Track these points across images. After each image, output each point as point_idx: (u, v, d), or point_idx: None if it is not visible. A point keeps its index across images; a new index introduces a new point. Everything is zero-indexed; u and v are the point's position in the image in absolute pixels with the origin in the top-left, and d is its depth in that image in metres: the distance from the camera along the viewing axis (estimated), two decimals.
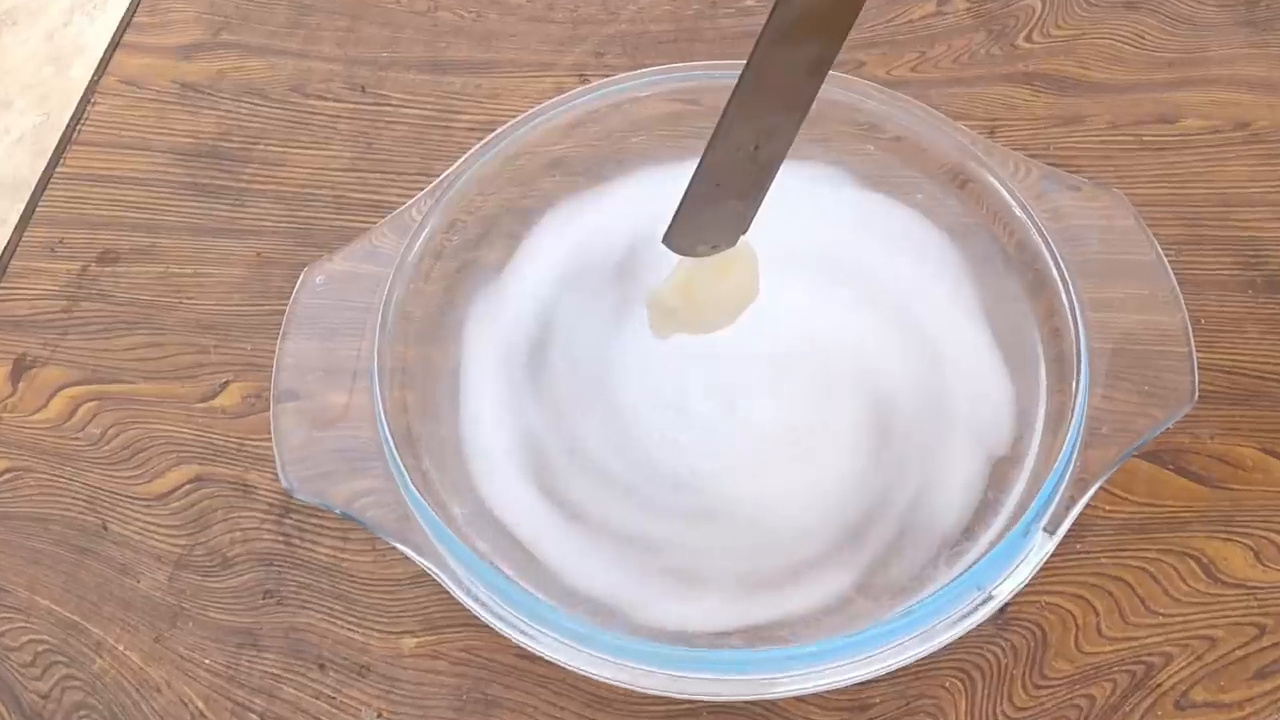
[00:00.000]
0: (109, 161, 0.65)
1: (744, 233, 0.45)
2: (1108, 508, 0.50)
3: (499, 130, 0.55)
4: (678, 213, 0.42)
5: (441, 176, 0.54)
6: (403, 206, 0.54)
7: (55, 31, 1.82)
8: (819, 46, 0.36)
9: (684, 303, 0.46)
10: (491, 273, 0.56)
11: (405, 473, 0.46)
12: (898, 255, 0.55)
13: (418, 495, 0.45)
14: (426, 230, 0.53)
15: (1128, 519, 0.50)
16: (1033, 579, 0.43)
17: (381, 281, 0.51)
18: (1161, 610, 0.48)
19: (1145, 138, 0.60)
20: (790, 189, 0.55)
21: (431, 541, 0.45)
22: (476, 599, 0.44)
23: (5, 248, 0.62)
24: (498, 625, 0.43)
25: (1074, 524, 0.44)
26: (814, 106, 0.54)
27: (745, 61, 0.36)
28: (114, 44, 0.69)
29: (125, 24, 0.70)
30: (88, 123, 0.66)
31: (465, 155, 0.55)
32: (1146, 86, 0.63)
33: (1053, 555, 0.43)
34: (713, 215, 0.42)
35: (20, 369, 0.57)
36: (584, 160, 0.58)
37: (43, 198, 0.63)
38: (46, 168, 0.64)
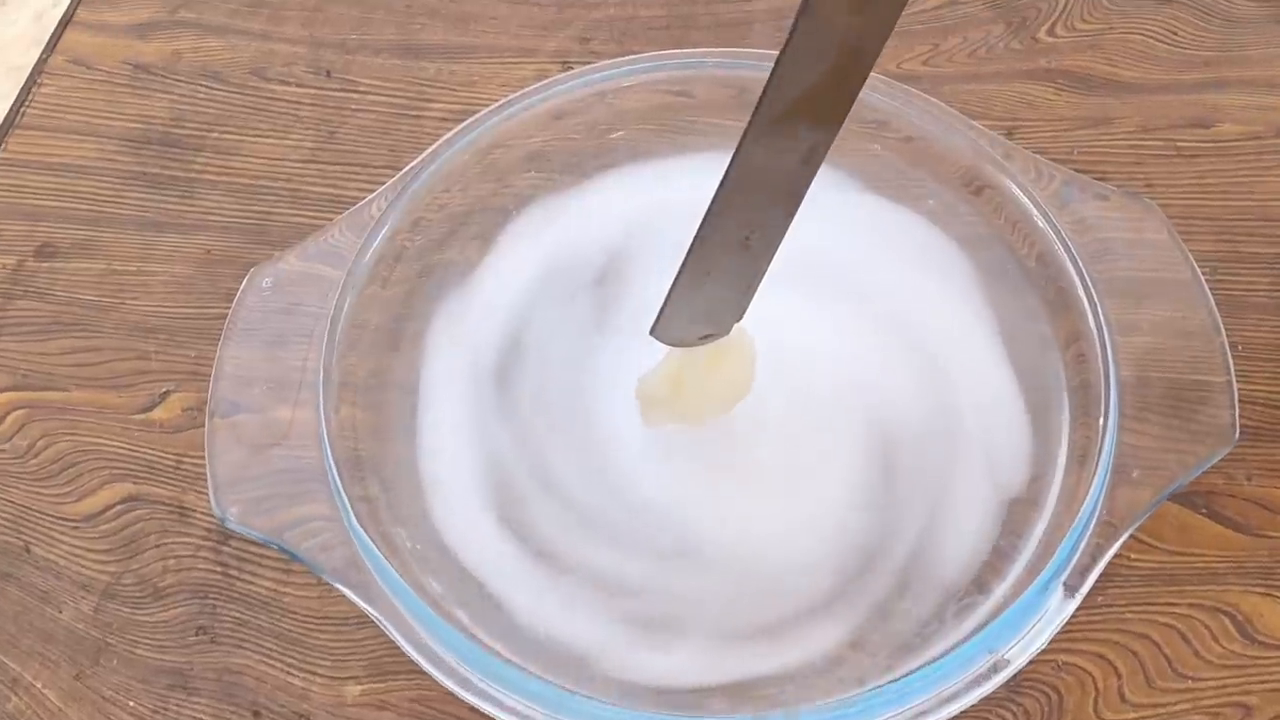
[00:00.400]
0: (53, 147, 0.60)
1: (738, 321, 0.41)
2: (1133, 556, 0.45)
3: (471, 119, 0.50)
4: (665, 303, 0.39)
5: (406, 169, 0.49)
6: (362, 201, 0.49)
7: (44, 12, 1.77)
8: (812, 135, 0.33)
9: (673, 394, 0.43)
10: (458, 277, 0.51)
11: (349, 504, 0.42)
12: (905, 267, 0.50)
13: (362, 533, 0.41)
14: (386, 228, 0.48)
15: (1155, 569, 0.45)
16: None
17: (335, 284, 0.47)
18: (1191, 673, 0.43)
19: (1179, 143, 0.55)
20: None
21: (378, 584, 0.40)
22: (426, 654, 0.39)
23: None
24: (449, 685, 0.38)
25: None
26: None
27: (733, 153, 0.32)
28: (65, 21, 0.64)
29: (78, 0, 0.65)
30: (32, 105, 0.61)
31: (433, 146, 0.50)
32: (1180, 87, 0.57)
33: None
34: (703, 305, 0.39)
35: None
36: (564, 155, 0.53)
37: None
38: None
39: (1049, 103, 0.57)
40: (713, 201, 0.34)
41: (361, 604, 0.40)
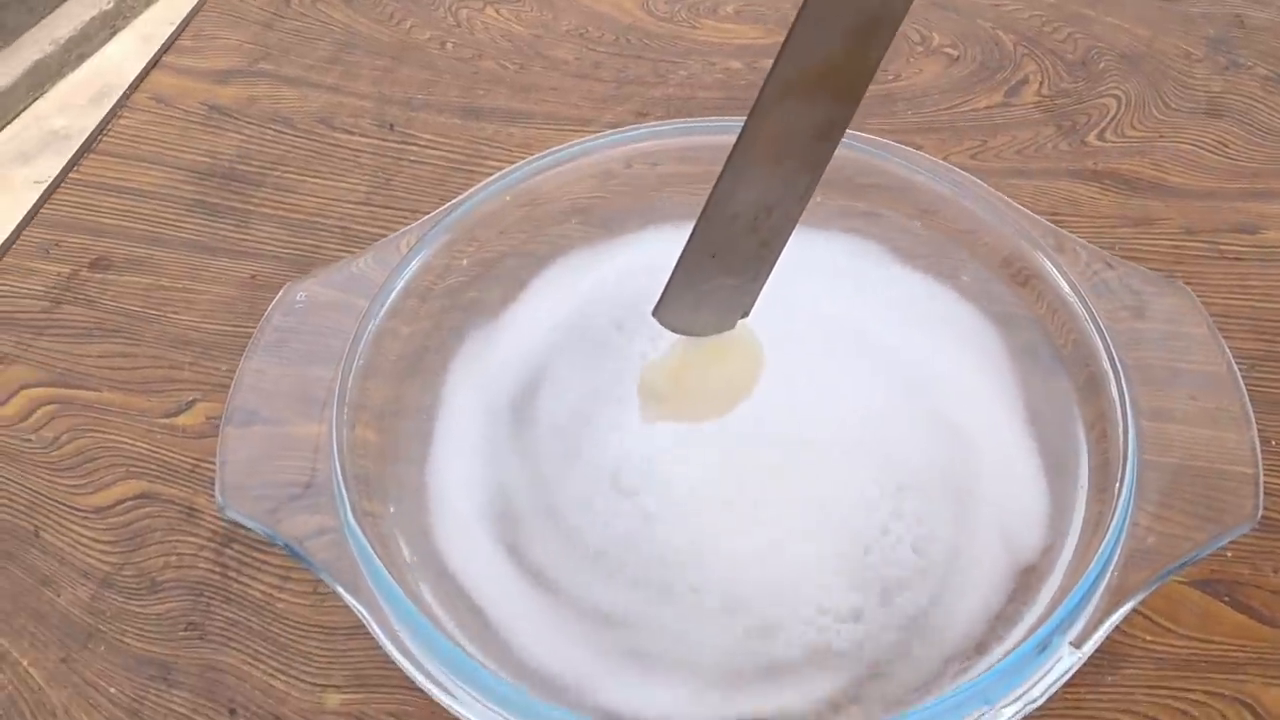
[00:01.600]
0: (122, 172, 0.62)
1: (744, 316, 0.40)
2: (1148, 638, 0.43)
3: (514, 166, 0.52)
4: (669, 283, 0.37)
5: (445, 206, 0.50)
6: (395, 234, 0.50)
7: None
8: (828, 107, 0.32)
9: (672, 388, 0.42)
10: (484, 315, 0.51)
11: (350, 508, 0.41)
12: (934, 336, 0.49)
13: (359, 533, 0.40)
14: (417, 260, 0.49)
15: (1171, 653, 0.43)
16: (1054, 708, 0.36)
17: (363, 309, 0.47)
18: None
19: (1222, 246, 0.55)
20: (820, 254, 0.52)
21: (368, 584, 0.40)
22: (410, 659, 0.38)
23: (2, 244, 0.59)
24: (434, 692, 0.37)
25: (1107, 652, 0.38)
26: (860, 171, 0.50)
27: (744, 118, 0.31)
28: (153, 63, 0.68)
29: (167, 46, 0.69)
30: (110, 134, 0.64)
31: (477, 186, 0.51)
32: (1226, 195, 0.57)
33: (1080, 685, 0.37)
34: (708, 292, 0.37)
35: None
36: (606, 210, 0.54)
37: (49, 200, 0.61)
38: (59, 173, 0.62)
39: (1093, 201, 0.57)
40: (721, 174, 0.32)
41: (349, 598, 0.39)
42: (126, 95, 0.66)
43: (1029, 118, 0.62)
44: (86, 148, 0.63)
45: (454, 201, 0.50)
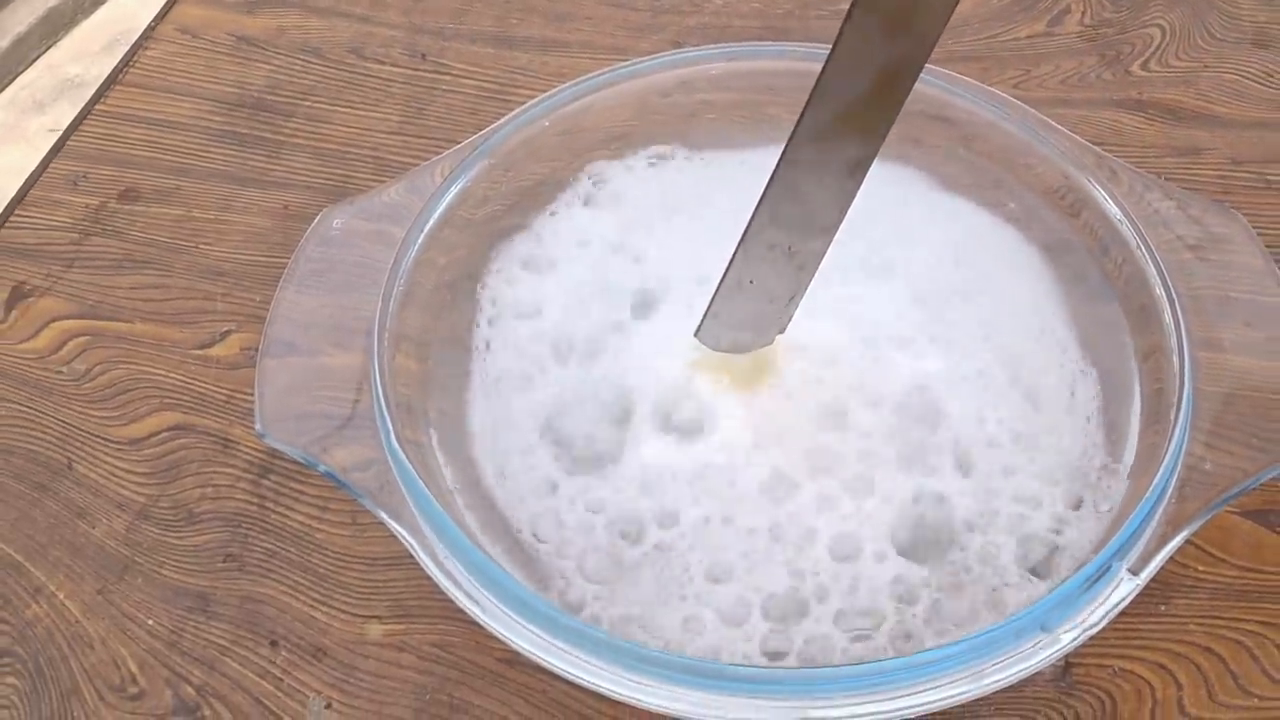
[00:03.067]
0: (149, 104, 0.61)
1: (781, 331, 0.42)
2: (1201, 568, 0.42)
3: (551, 92, 0.50)
4: (708, 307, 0.40)
5: (480, 133, 0.49)
6: (427, 162, 0.49)
7: None
8: (857, 146, 0.33)
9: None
10: (519, 241, 0.50)
11: (392, 434, 0.40)
12: (986, 269, 0.48)
13: (402, 456, 0.39)
14: (455, 188, 0.48)
15: (1225, 584, 0.42)
16: (1107, 636, 0.36)
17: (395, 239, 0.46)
18: (1258, 691, 0.40)
19: (1269, 176, 0.54)
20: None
21: (411, 510, 0.39)
22: (454, 580, 0.38)
23: (28, 176, 0.58)
24: (475, 612, 0.37)
25: (1161, 582, 0.37)
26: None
27: (777, 160, 0.33)
28: None
29: None
30: (136, 66, 0.63)
31: (512, 113, 0.50)
32: (1274, 125, 0.56)
33: (1131, 614, 0.36)
34: (746, 312, 0.40)
35: (16, 297, 0.53)
36: (645, 138, 0.53)
37: (75, 132, 0.60)
38: (85, 105, 0.61)
39: (1138, 131, 0.56)
40: (756, 208, 0.34)
41: (393, 524, 0.38)
42: (152, 27, 0.65)
43: (1072, 47, 0.61)
44: (113, 79, 0.62)
45: (491, 127, 0.49)
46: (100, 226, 0.56)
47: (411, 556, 0.38)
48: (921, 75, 0.50)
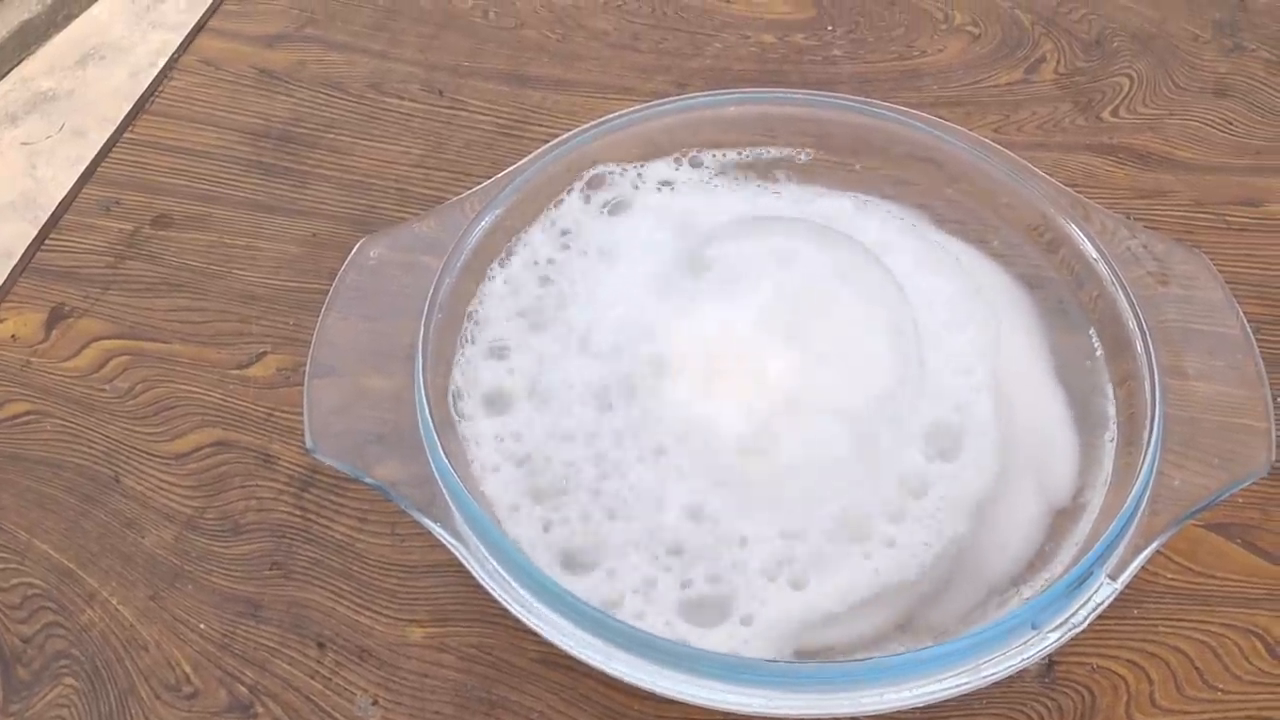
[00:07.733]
0: (177, 133, 0.64)
1: None
2: (1169, 575, 0.47)
3: (571, 133, 0.54)
4: None
5: (504, 172, 0.52)
6: (455, 198, 0.52)
7: (140, 71, 1.86)
8: None
9: None
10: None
11: (438, 443, 0.44)
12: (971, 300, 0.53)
13: (446, 466, 0.43)
14: (484, 222, 0.52)
15: (1190, 589, 0.47)
16: (1086, 637, 0.40)
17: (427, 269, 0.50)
18: (1221, 685, 0.44)
19: (1229, 218, 0.59)
20: (862, 220, 0.55)
21: (457, 520, 0.43)
22: (504, 586, 0.41)
23: (60, 202, 0.61)
24: (521, 614, 0.40)
25: (1131, 588, 0.41)
26: (893, 141, 0.53)
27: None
28: (199, 27, 0.69)
29: (213, 10, 0.70)
30: (161, 96, 0.66)
31: (535, 153, 0.53)
32: (1232, 170, 0.61)
33: (1107, 617, 0.40)
34: None
35: (56, 317, 0.56)
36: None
37: (105, 159, 0.63)
38: (114, 133, 0.64)
39: (1109, 174, 0.61)
40: None
41: (439, 531, 0.41)
42: (175, 58, 0.68)
43: (1048, 94, 0.66)
44: (140, 107, 0.65)
45: (514, 168, 0.53)
46: (135, 251, 0.59)
47: (450, 564, 0.41)
48: (911, 120, 0.55)
